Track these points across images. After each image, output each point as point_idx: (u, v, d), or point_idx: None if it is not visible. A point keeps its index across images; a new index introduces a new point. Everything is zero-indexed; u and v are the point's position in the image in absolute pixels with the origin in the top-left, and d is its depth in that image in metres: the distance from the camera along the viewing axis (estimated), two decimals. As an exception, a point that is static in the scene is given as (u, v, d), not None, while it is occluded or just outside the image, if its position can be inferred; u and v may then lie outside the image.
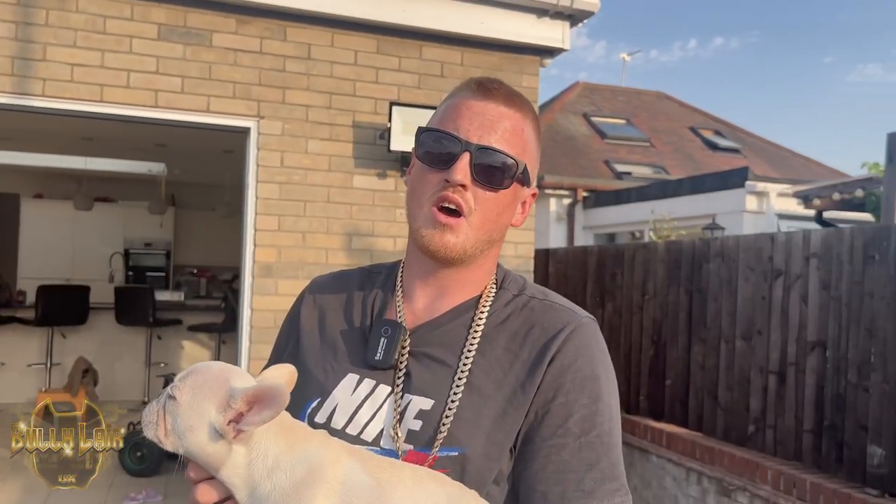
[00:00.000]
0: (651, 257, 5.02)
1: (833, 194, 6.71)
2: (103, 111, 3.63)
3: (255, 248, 3.88)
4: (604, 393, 0.94)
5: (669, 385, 4.77)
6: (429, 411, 0.92)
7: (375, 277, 1.10)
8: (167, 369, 6.86)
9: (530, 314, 0.98)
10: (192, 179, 8.96)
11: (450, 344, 0.97)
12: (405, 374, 0.96)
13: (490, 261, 1.02)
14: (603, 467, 0.90)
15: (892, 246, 3.39)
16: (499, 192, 0.95)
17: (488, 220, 0.96)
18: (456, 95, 1.00)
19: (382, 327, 0.99)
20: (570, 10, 4.21)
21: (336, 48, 4.01)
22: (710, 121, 15.17)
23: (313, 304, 1.10)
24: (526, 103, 1.00)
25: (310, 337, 1.06)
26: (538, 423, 0.92)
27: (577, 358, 0.94)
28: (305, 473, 0.76)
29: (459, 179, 0.92)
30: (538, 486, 0.90)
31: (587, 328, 0.97)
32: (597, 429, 0.91)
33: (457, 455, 0.90)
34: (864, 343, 3.48)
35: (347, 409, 0.96)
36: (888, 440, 3.34)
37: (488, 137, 0.94)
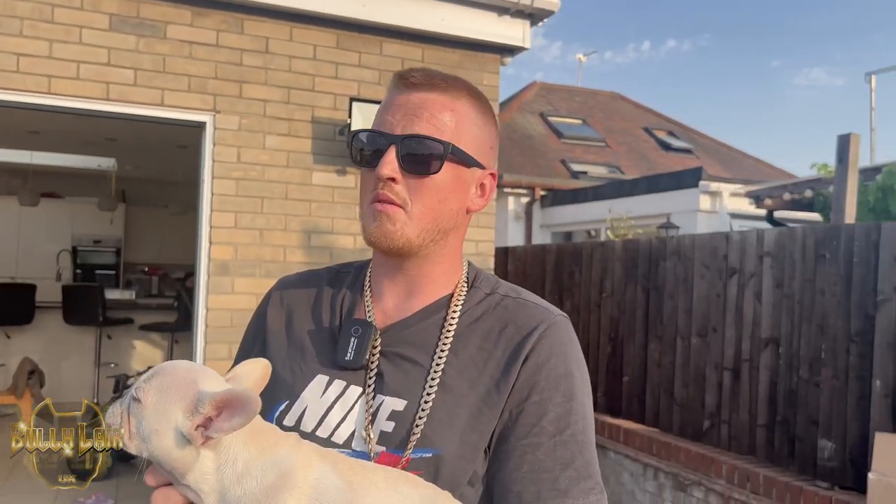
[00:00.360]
0: (609, 255, 5.07)
1: (783, 194, 6.88)
2: (51, 103, 3.50)
3: (210, 246, 3.80)
4: (578, 391, 0.93)
5: (626, 382, 4.83)
6: (401, 412, 0.90)
7: (343, 277, 1.07)
8: (118, 370, 6.67)
9: (503, 312, 0.97)
10: (144, 175, 8.76)
11: (422, 343, 0.95)
12: (377, 374, 0.94)
13: (453, 253, 1.01)
14: (578, 466, 0.89)
15: (841, 245, 3.47)
16: (432, 178, 0.93)
17: (431, 209, 0.94)
18: (387, 93, 0.99)
19: (352, 327, 0.96)
20: (531, 9, 4.22)
21: (295, 42, 3.94)
22: (664, 121, 15.43)
23: (280, 304, 1.07)
24: (455, 84, 0.97)
25: (277, 338, 1.03)
26: (513, 422, 0.90)
27: (552, 356, 0.93)
28: (276, 478, 0.74)
29: (386, 173, 0.91)
30: (513, 486, 0.88)
31: (561, 326, 0.96)
32: (571, 427, 0.91)
33: (430, 456, 0.88)
34: (816, 340, 3.57)
35: (317, 411, 0.93)
36: (838, 434, 3.43)
37: (412, 126, 0.92)
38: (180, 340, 6.93)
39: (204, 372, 0.78)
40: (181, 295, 6.91)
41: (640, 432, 4.53)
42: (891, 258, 3.26)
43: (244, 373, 0.85)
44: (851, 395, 3.38)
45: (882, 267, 3.29)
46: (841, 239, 3.48)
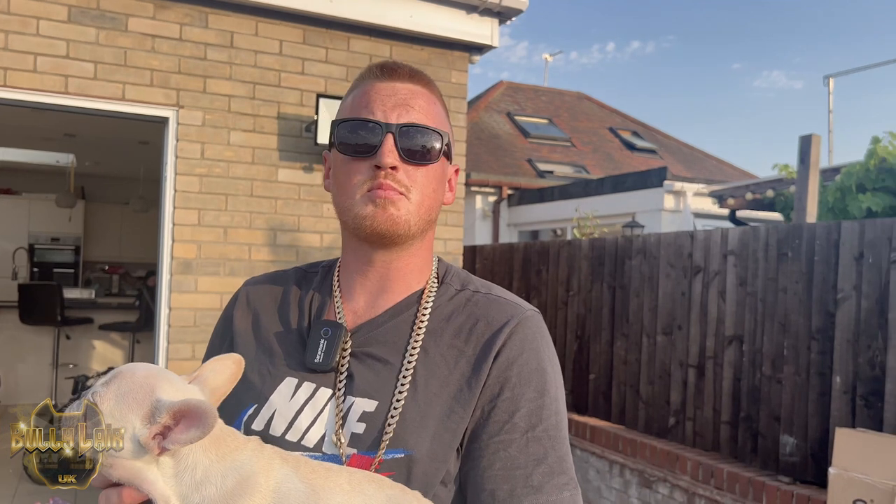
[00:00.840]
0: (575, 254, 5.10)
1: (746, 194, 7.00)
2: (7, 96, 3.39)
3: (173, 244, 3.72)
4: (550, 386, 0.92)
5: (593, 379, 4.86)
6: (373, 413, 0.89)
7: (312, 277, 1.05)
8: (77, 370, 6.52)
9: (474, 308, 0.96)
10: (104, 171, 8.57)
11: (393, 342, 0.93)
12: (347, 375, 0.92)
13: (427, 247, 1.00)
14: (551, 462, 0.88)
15: (803, 244, 3.54)
16: (430, 167, 0.94)
17: (427, 197, 0.94)
18: (361, 83, 0.97)
19: (322, 328, 0.95)
20: (499, 8, 4.22)
21: (260, 37, 3.88)
22: (628, 122, 15.60)
23: (247, 306, 1.04)
24: (430, 80, 0.98)
25: (244, 339, 1.01)
26: (485, 419, 0.89)
27: (523, 351, 0.92)
28: (236, 484, 0.73)
29: (389, 162, 0.90)
30: (486, 484, 0.87)
31: (532, 321, 0.95)
32: (544, 423, 0.90)
33: (403, 457, 0.86)
34: (778, 337, 3.63)
35: (286, 414, 0.91)
36: (799, 430, 3.49)
37: (407, 115, 0.92)
38: (142, 340, 6.80)
39: (164, 377, 0.76)
40: (143, 294, 6.77)
41: (606, 429, 4.56)
42: (850, 257, 3.32)
43: (212, 370, 0.83)
44: (812, 392, 3.44)
45: (842, 265, 3.36)
46: (803, 238, 3.55)
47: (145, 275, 8.53)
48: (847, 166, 5.89)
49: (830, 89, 11.54)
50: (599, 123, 14.92)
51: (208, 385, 0.83)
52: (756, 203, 7.08)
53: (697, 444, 4.05)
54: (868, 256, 3.25)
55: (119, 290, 9.11)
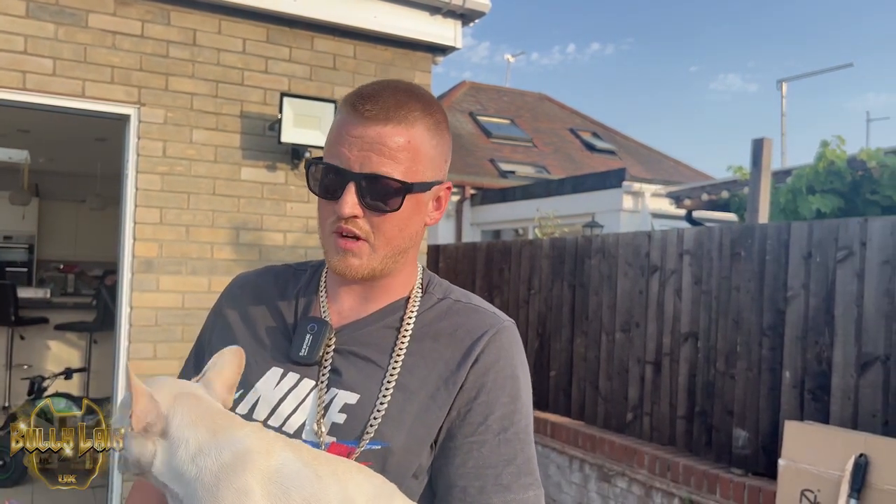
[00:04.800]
0: (536, 253, 5.17)
1: (702, 195, 7.17)
2: (-38, 92, 3.33)
3: (134, 243, 3.69)
4: (522, 392, 0.99)
5: (553, 376, 4.94)
6: (354, 405, 0.94)
7: (300, 276, 1.11)
8: (32, 371, 6.38)
9: (455, 316, 1.02)
10: (60, 168, 8.40)
11: (377, 344, 0.99)
12: (331, 369, 0.98)
13: (410, 263, 1.04)
14: (520, 462, 0.95)
15: (756, 243, 3.66)
16: (394, 214, 0.95)
17: (393, 238, 0.97)
18: (339, 114, 0.99)
19: (308, 324, 1.00)
20: (462, 10, 4.27)
21: (223, 35, 3.87)
22: (588, 123, 15.81)
23: (237, 300, 1.10)
24: (409, 109, 0.96)
25: (233, 331, 1.06)
26: (461, 420, 0.95)
27: (500, 358, 0.98)
28: (233, 458, 0.76)
29: (348, 212, 0.93)
30: (458, 481, 0.94)
31: (509, 331, 1.02)
32: (515, 426, 0.96)
33: (379, 448, 0.92)
34: (732, 334, 3.74)
35: (270, 401, 0.97)
36: (751, 423, 3.61)
37: (370, 163, 0.93)
38: (99, 340, 6.67)
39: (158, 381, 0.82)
40: (101, 293, 6.65)
41: (566, 425, 4.65)
42: (799, 256, 3.45)
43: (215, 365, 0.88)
44: (764, 387, 3.56)
45: (791, 264, 3.48)
46: (755, 238, 3.67)
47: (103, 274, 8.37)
48: (798, 169, 6.08)
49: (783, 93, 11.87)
50: (560, 124, 15.09)
51: (216, 381, 0.87)
52: (711, 204, 7.26)
53: (654, 438, 4.15)
54: (816, 256, 3.38)
55: (75, 290, 8.93)
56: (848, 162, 5.71)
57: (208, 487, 0.75)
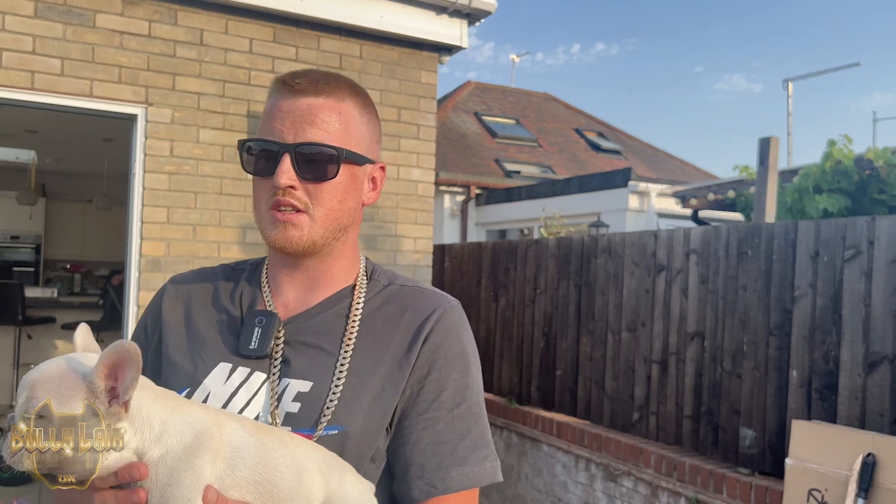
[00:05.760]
0: (542, 253, 5.17)
1: (708, 195, 7.15)
2: (-29, 92, 3.35)
3: (141, 242, 3.70)
4: (472, 368, 1.02)
5: (559, 376, 4.94)
6: (307, 393, 0.95)
7: (240, 273, 1.10)
8: (39, 371, 6.41)
9: (403, 299, 1.04)
10: (66, 168, 8.43)
11: (327, 332, 1.00)
12: (282, 361, 0.98)
13: (350, 249, 1.06)
14: (474, 436, 0.98)
15: (762, 243, 3.65)
16: (330, 181, 0.97)
17: (332, 210, 0.98)
18: (269, 99, 1.01)
19: (256, 317, 1.00)
20: (468, 9, 4.27)
21: (230, 35, 3.88)
22: (594, 123, 15.79)
23: (176, 299, 1.09)
24: (339, 85, 1.00)
25: (174, 330, 1.05)
26: (414, 398, 0.97)
27: (448, 337, 1.01)
28: (193, 438, 0.77)
29: (284, 182, 0.94)
30: (416, 458, 0.95)
31: (455, 310, 1.04)
32: (467, 401, 0.99)
33: (336, 433, 0.93)
34: (738, 333, 3.74)
35: (221, 396, 0.96)
36: (758, 423, 3.60)
37: (303, 133, 0.95)
38: (105, 339, 6.68)
39: (73, 358, 0.78)
40: (107, 292, 6.68)
41: (572, 425, 4.64)
42: (807, 255, 3.44)
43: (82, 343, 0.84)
44: (770, 386, 3.56)
45: (798, 263, 3.48)
46: (762, 237, 3.66)
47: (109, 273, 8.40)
48: (804, 168, 6.06)
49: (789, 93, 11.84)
50: (565, 124, 15.08)
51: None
52: (717, 203, 7.25)
53: (661, 438, 4.15)
54: (823, 255, 3.37)
55: (81, 289, 8.97)
56: (855, 161, 5.69)
57: (171, 469, 0.75)
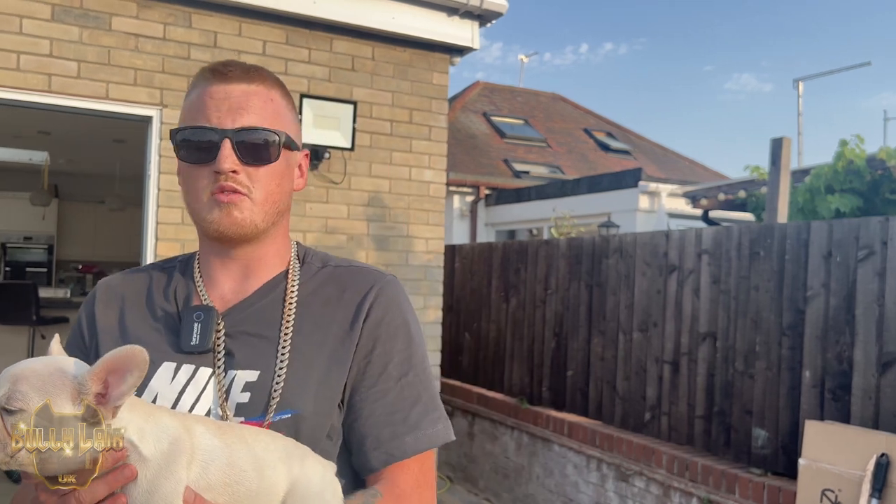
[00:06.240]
0: (553, 253, 5.18)
1: (718, 195, 7.14)
2: (-11, 94, 3.39)
3: (156, 242, 3.73)
4: (415, 337, 1.05)
5: (570, 376, 4.95)
6: (255, 382, 0.96)
7: (171, 270, 1.10)
8: (52, 370, 6.45)
9: (339, 280, 1.06)
10: (79, 169, 8.49)
11: (266, 319, 1.00)
12: (225, 353, 0.98)
13: (283, 234, 1.07)
14: (425, 401, 1.02)
15: (775, 243, 3.65)
16: (270, 165, 0.99)
17: (272, 193, 1.00)
18: (195, 89, 1.01)
19: (193, 313, 1.00)
20: (480, 10, 4.29)
21: (244, 38, 3.91)
22: (603, 123, 15.77)
23: (108, 303, 1.07)
24: (266, 74, 1.03)
25: (110, 335, 1.03)
26: (362, 373, 1.00)
27: (388, 311, 1.03)
28: (169, 445, 0.77)
29: (228, 167, 0.95)
30: (371, 430, 0.98)
31: (392, 284, 1.07)
32: (414, 369, 1.02)
33: (289, 417, 0.94)
34: (750, 333, 3.74)
35: (169, 396, 0.96)
36: (771, 423, 3.60)
37: (241, 119, 0.97)
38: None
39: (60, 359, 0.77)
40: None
41: (583, 425, 4.65)
42: (819, 256, 3.44)
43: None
44: (783, 386, 3.56)
45: (811, 264, 3.48)
46: (774, 237, 3.66)
47: (121, 274, 8.43)
48: (816, 168, 6.05)
49: (800, 92, 11.80)
50: (574, 124, 15.07)
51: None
52: (728, 203, 7.23)
53: (672, 438, 4.15)
54: (836, 255, 3.37)
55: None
56: (867, 161, 5.67)
57: (151, 477, 0.75)
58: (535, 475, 5.07)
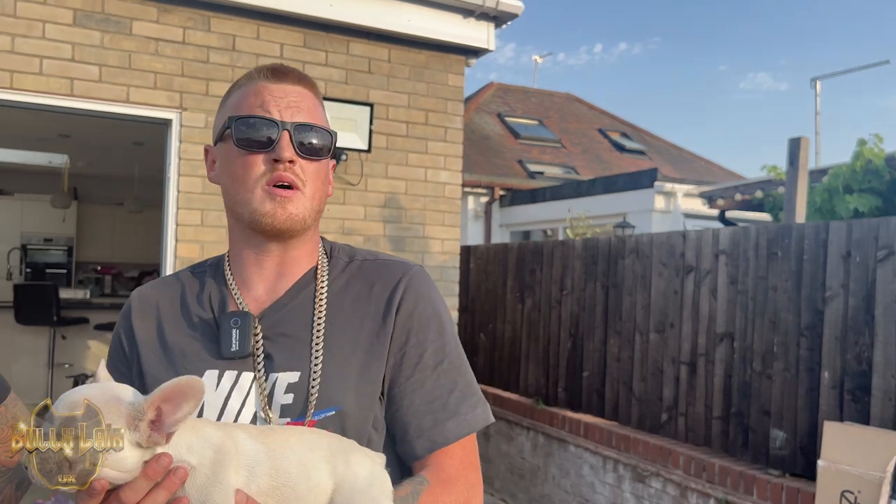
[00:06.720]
0: (569, 254, 5.18)
1: (735, 195, 7.11)
2: (13, 98, 3.44)
3: (176, 244, 3.78)
4: (446, 325, 1.07)
5: (586, 376, 4.95)
6: (297, 383, 0.98)
7: (201, 276, 1.11)
8: (73, 370, 6.55)
9: (367, 274, 1.08)
10: (98, 172, 8.59)
11: (299, 318, 1.02)
12: (264, 356, 1.00)
13: (317, 233, 1.10)
14: (462, 387, 1.04)
15: (793, 243, 3.64)
16: (321, 163, 1.03)
17: (318, 190, 1.03)
18: (250, 82, 1.04)
19: (231, 319, 1.01)
20: (495, 12, 4.30)
21: (262, 41, 3.95)
22: (617, 123, 15.72)
23: (145, 315, 1.08)
24: (314, 83, 1.08)
25: (151, 349, 1.04)
26: (398, 365, 1.02)
27: (419, 301, 1.05)
28: (214, 453, 0.80)
29: (287, 156, 0.98)
30: (412, 419, 1.01)
31: (420, 274, 1.09)
32: (448, 357, 1.05)
33: (334, 414, 0.96)
34: (768, 334, 3.72)
35: (216, 404, 0.97)
36: (789, 424, 3.59)
37: (298, 115, 1.01)
38: (137, 340, 6.82)
39: (115, 387, 0.80)
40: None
41: (599, 426, 4.65)
42: (838, 256, 3.42)
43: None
44: (801, 387, 3.54)
45: (830, 264, 3.46)
46: (792, 238, 3.65)
47: (139, 275, 8.55)
48: (834, 168, 6.00)
49: (818, 91, 11.71)
50: (589, 125, 15.03)
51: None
52: (745, 204, 7.19)
53: (689, 439, 4.14)
54: (855, 255, 3.35)
55: (112, 291, 9.12)
56: (886, 160, 5.63)
57: (200, 486, 0.78)
58: (550, 476, 5.07)
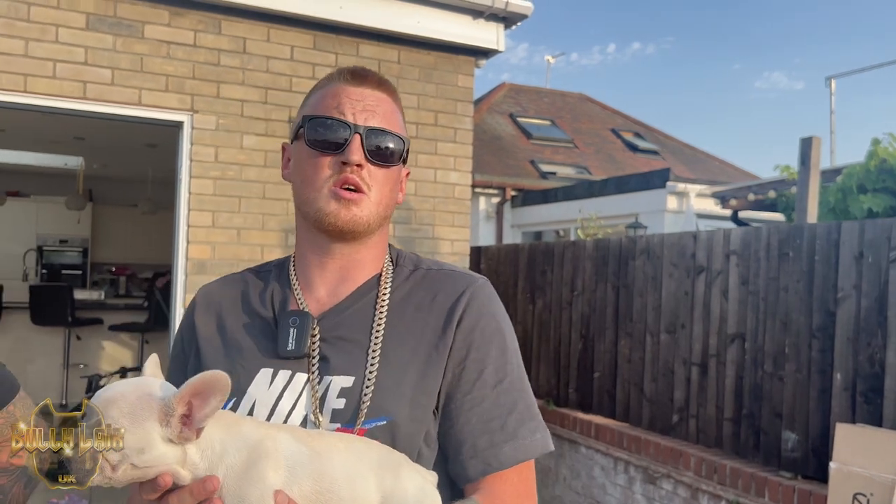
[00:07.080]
0: (580, 254, 5.17)
1: (748, 195, 7.06)
2: (27, 102, 3.49)
3: (188, 245, 3.81)
4: (509, 343, 1.04)
5: (597, 377, 4.94)
6: (350, 388, 0.96)
7: (266, 275, 1.11)
8: (87, 370, 6.61)
9: (431, 284, 1.05)
10: (112, 174, 8.67)
11: (359, 323, 1.01)
12: (320, 358, 0.99)
13: (383, 239, 1.08)
14: (521, 409, 1.00)
15: (804, 244, 3.61)
16: (390, 169, 1.02)
17: (385, 196, 1.02)
18: (330, 84, 1.04)
19: (289, 318, 1.01)
20: (505, 13, 4.30)
21: (272, 43, 3.97)
22: (630, 123, 15.65)
23: (207, 310, 1.09)
24: (394, 88, 1.08)
25: (210, 343, 1.05)
26: (456, 380, 0.99)
27: (482, 316, 1.02)
28: (250, 452, 0.79)
29: (356, 159, 0.98)
30: (467, 438, 0.97)
31: (485, 288, 1.06)
32: (509, 376, 1.01)
33: (385, 424, 0.94)
34: (780, 335, 3.70)
35: (267, 402, 0.97)
36: (801, 426, 3.56)
37: (373, 119, 1.00)
38: (150, 340, 6.88)
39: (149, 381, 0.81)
40: (152, 294, 6.86)
41: (610, 427, 4.64)
42: (850, 256, 3.40)
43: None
44: (813, 389, 3.52)
45: (842, 265, 3.43)
46: (804, 238, 3.62)
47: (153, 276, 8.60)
48: (848, 167, 5.95)
49: (832, 90, 11.61)
50: (601, 125, 14.99)
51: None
52: (758, 204, 7.15)
53: (701, 440, 4.12)
54: (868, 256, 3.33)
55: (126, 292, 9.20)
56: (900, 160, 5.57)
57: (235, 485, 0.78)
58: (562, 477, 5.06)
